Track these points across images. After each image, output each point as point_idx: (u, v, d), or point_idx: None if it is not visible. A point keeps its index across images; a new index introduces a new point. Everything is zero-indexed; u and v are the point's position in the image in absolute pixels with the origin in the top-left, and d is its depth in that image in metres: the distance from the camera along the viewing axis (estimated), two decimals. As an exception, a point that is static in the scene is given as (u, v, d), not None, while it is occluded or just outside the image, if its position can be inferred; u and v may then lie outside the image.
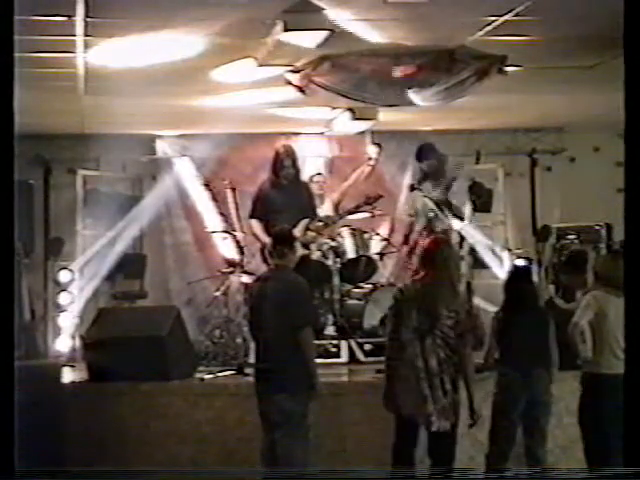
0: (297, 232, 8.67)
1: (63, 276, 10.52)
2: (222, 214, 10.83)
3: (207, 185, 11.38)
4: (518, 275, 7.10)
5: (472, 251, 10.31)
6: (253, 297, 6.61)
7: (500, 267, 10.88)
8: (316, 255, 9.32)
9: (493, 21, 6.68)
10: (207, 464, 7.35)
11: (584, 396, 6.52)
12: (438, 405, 5.87)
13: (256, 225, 9.09)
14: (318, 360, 6.66)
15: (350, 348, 8.77)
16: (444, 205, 9.11)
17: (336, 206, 10.12)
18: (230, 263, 10.01)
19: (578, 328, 6.40)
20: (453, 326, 5.91)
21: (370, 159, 10.65)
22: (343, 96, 7.71)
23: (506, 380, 6.74)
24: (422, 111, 8.98)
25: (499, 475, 6.42)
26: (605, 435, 6.29)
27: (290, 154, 9.11)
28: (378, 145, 10.82)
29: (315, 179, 10.51)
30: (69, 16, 6.22)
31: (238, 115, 9.87)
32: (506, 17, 6.55)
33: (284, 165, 9.03)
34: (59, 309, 10.56)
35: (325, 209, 9.98)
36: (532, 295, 7.02)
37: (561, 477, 6.12)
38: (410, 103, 7.93)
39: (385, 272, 10.34)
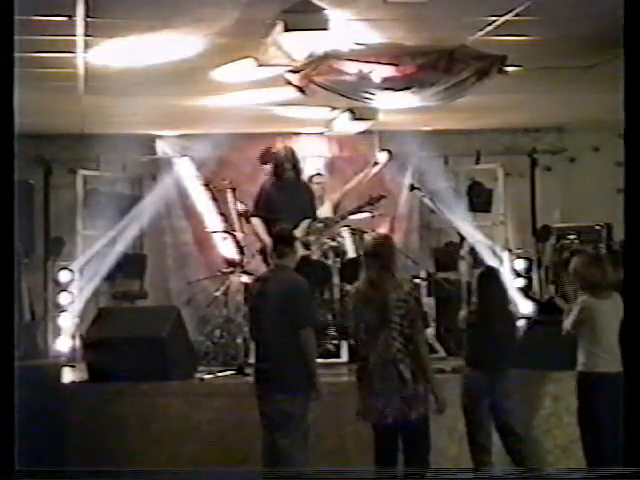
0: (298, 232, 8.67)
1: (63, 276, 10.52)
2: (222, 214, 10.82)
3: (207, 185, 11.37)
4: (487, 276, 7.11)
5: (472, 251, 10.31)
6: (253, 297, 6.62)
7: (500, 267, 10.87)
8: (316, 255, 9.32)
9: (493, 21, 6.69)
10: (207, 464, 7.35)
11: (579, 396, 6.57)
12: (401, 396, 5.86)
13: (258, 224, 9.08)
14: (318, 360, 6.66)
15: (350, 348, 8.76)
16: None
17: (335, 207, 10.12)
18: (230, 263, 10.00)
19: (571, 335, 6.52)
20: (404, 315, 5.93)
21: (376, 163, 10.66)
22: (343, 96, 7.71)
23: (469, 379, 6.80)
24: (422, 111, 8.98)
25: (496, 475, 6.45)
26: (603, 434, 6.34)
27: (291, 156, 9.12)
28: (388, 152, 10.76)
29: (315, 180, 10.49)
30: (69, 16, 6.22)
31: (238, 115, 9.88)
32: (506, 17, 6.55)
33: (285, 167, 9.03)
34: (59, 309, 10.56)
35: (325, 210, 9.98)
36: (501, 297, 7.04)
37: (561, 477, 6.13)
38: (410, 103, 7.94)
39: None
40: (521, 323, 8.14)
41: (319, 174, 10.70)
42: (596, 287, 6.51)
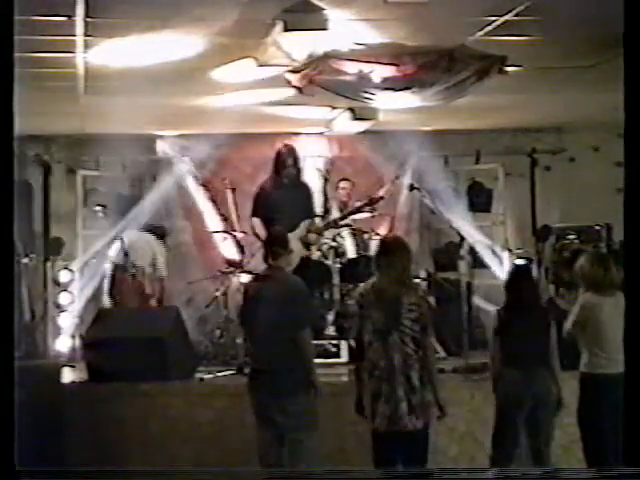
0: (298, 232, 8.69)
1: (63, 276, 10.52)
2: (222, 214, 10.83)
3: (207, 185, 11.38)
4: (519, 274, 7.07)
5: (472, 251, 10.31)
6: (249, 298, 6.57)
7: (500, 267, 10.89)
8: (316, 255, 9.32)
9: (493, 21, 6.68)
10: (207, 464, 7.35)
11: (582, 396, 6.56)
12: (408, 404, 5.74)
13: (257, 224, 9.09)
14: (318, 360, 6.66)
15: (350, 348, 8.75)
16: None
17: (344, 212, 10.07)
18: (230, 263, 10.02)
19: (572, 334, 6.49)
20: (416, 319, 5.81)
21: (397, 177, 10.68)
22: (343, 96, 7.71)
23: (509, 380, 6.64)
24: (422, 111, 8.98)
25: (504, 475, 6.39)
26: (605, 436, 6.33)
27: (292, 154, 9.12)
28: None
29: (341, 185, 10.52)
30: (69, 16, 6.21)
31: (238, 115, 9.88)
32: (506, 17, 6.55)
33: (286, 165, 9.04)
34: (59, 309, 10.56)
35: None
36: (533, 294, 6.97)
37: (565, 477, 6.11)
38: (410, 103, 7.95)
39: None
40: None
41: (346, 179, 10.70)
42: (599, 286, 6.50)
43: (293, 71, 7.16)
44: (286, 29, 6.25)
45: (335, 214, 9.96)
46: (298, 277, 6.59)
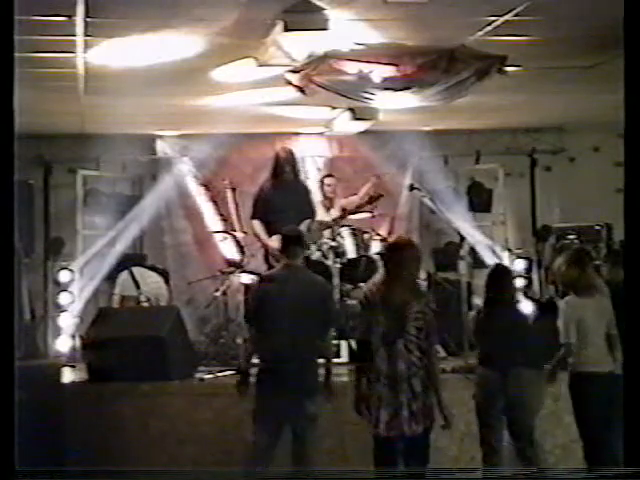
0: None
1: (63, 276, 10.51)
2: (222, 214, 10.84)
3: (207, 185, 11.38)
4: (497, 275, 7.05)
5: (472, 251, 10.31)
6: (268, 298, 6.35)
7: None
8: (316, 255, 9.32)
9: (493, 21, 6.69)
10: (207, 464, 7.35)
11: (571, 396, 6.58)
12: (409, 409, 5.70)
13: (257, 225, 9.09)
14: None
15: (350, 348, 8.76)
16: None
17: (343, 212, 10.07)
18: (230, 263, 10.02)
19: (571, 344, 6.51)
20: (421, 327, 5.74)
21: (379, 176, 10.69)
22: (343, 96, 7.71)
23: (483, 378, 6.71)
24: (422, 111, 8.98)
25: (499, 475, 6.41)
26: (595, 432, 6.38)
27: (289, 158, 9.13)
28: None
29: (326, 181, 10.54)
30: (69, 16, 6.22)
31: (238, 115, 9.88)
32: (506, 17, 6.55)
33: (284, 169, 9.06)
34: (59, 309, 10.55)
35: (333, 213, 9.99)
36: (509, 295, 6.98)
37: (561, 477, 6.12)
38: (410, 103, 7.95)
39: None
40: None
41: (330, 175, 10.71)
42: (576, 287, 6.55)
43: (293, 71, 7.16)
44: (286, 29, 6.25)
45: (321, 211, 9.92)
46: (320, 276, 6.54)
